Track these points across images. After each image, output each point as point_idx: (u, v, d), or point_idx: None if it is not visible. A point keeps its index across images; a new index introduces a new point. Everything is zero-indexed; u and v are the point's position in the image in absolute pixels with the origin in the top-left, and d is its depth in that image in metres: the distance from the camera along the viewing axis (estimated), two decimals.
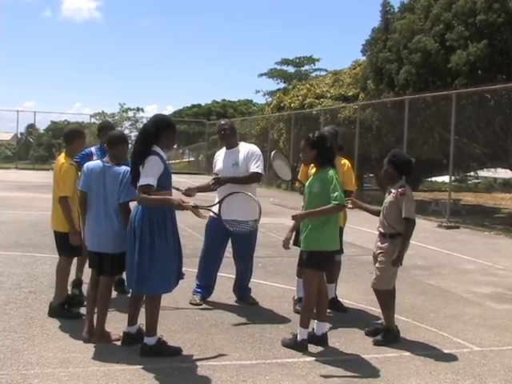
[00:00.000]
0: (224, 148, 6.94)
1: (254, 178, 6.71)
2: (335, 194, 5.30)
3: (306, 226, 5.48)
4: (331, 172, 5.38)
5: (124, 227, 5.20)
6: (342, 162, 6.48)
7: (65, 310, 6.01)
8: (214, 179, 6.65)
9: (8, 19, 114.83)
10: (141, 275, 4.97)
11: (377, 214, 5.92)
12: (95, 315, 5.40)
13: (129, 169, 5.24)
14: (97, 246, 5.36)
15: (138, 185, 4.90)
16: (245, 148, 6.81)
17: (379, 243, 5.79)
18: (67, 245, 5.94)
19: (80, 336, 5.37)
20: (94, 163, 5.49)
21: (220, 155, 6.94)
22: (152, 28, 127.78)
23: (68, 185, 5.78)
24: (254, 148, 6.87)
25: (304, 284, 5.73)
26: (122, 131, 6.42)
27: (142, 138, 5.08)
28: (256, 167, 6.64)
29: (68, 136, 6.20)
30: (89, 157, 6.72)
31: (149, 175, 4.89)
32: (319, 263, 5.43)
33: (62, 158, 6.01)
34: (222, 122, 6.96)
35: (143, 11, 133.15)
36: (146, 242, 4.92)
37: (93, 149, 7.00)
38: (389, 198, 5.75)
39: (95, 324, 5.36)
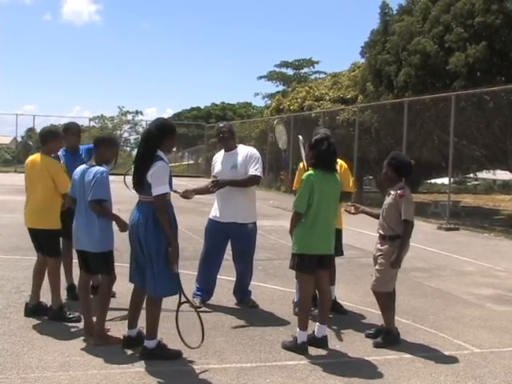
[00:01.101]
0: (222, 150, 6.94)
1: (253, 181, 6.73)
2: (295, 200, 5.48)
3: None
4: (305, 175, 5.47)
5: (110, 224, 5.46)
6: (339, 163, 6.47)
7: (65, 312, 6.02)
8: (212, 182, 6.65)
9: (8, 22, 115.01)
10: (156, 281, 4.99)
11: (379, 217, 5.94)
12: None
13: (103, 169, 5.40)
14: (80, 245, 5.53)
15: (157, 193, 4.89)
16: (243, 150, 6.81)
17: (379, 245, 5.79)
18: (50, 242, 6.02)
19: (80, 339, 5.39)
20: (79, 168, 5.65)
21: (218, 158, 6.94)
22: (152, 31, 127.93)
23: (66, 181, 5.87)
24: (253, 150, 6.87)
25: (298, 286, 5.77)
26: (111, 134, 6.50)
27: (146, 143, 5.09)
28: (255, 170, 6.64)
29: (43, 136, 6.26)
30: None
31: (164, 183, 4.93)
32: (300, 265, 5.46)
33: (42, 158, 6.06)
34: (221, 125, 6.96)
35: (143, 15, 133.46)
36: (155, 249, 4.94)
37: (59, 152, 6.95)
38: (388, 200, 5.75)
39: (95, 326, 5.38)
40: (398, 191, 5.65)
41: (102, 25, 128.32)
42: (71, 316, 6.00)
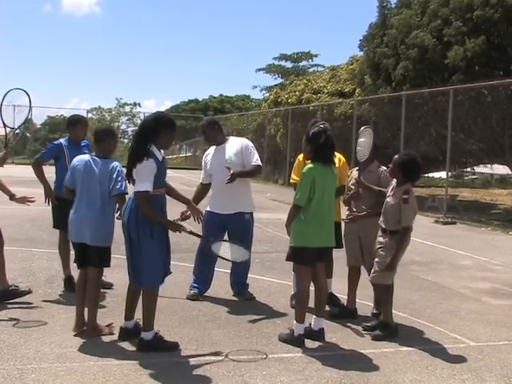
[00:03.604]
0: (214, 146, 6.93)
1: (257, 171, 6.87)
2: (296, 193, 5.46)
3: None
4: (306, 168, 5.46)
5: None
6: (338, 157, 6.46)
7: (10, 292, 6.19)
8: (230, 175, 6.52)
9: (8, 13, 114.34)
10: (134, 270, 5.08)
11: (381, 194, 5.97)
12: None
13: (117, 163, 5.37)
14: (83, 238, 5.40)
15: (135, 190, 4.92)
16: (236, 142, 6.82)
17: (380, 238, 5.79)
18: None
19: (78, 334, 5.39)
20: (81, 158, 5.55)
21: (210, 154, 6.93)
22: (151, 24, 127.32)
23: None
24: (246, 141, 6.96)
25: (296, 279, 5.78)
26: (110, 126, 6.62)
27: (140, 136, 5.05)
28: (256, 160, 6.75)
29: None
30: (58, 149, 6.80)
31: (144, 180, 4.89)
32: (299, 258, 5.48)
33: None
34: (202, 123, 6.96)
35: (143, 7, 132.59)
36: (134, 239, 4.99)
37: (62, 140, 6.98)
38: (392, 200, 5.71)
39: (86, 319, 5.39)
40: (403, 196, 5.62)
41: (101, 16, 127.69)
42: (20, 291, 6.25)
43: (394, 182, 5.82)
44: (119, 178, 5.26)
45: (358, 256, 6.28)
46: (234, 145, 6.76)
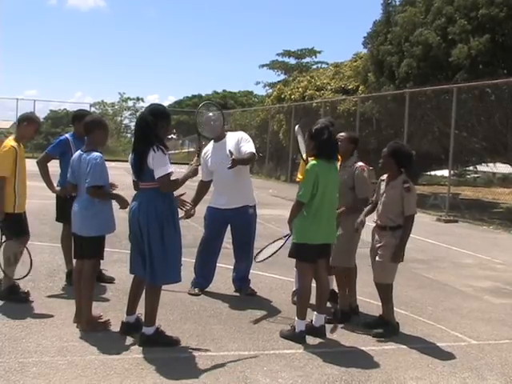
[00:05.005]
0: (211, 142, 6.90)
1: (253, 158, 6.75)
2: (299, 190, 5.46)
3: None
4: (309, 165, 5.44)
5: (107, 209, 5.47)
6: None
7: (13, 293, 6.11)
8: (232, 159, 6.39)
9: (13, 7, 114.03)
10: (155, 269, 4.98)
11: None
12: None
13: (97, 155, 5.38)
14: (75, 229, 5.50)
15: (162, 174, 4.85)
16: (234, 136, 6.81)
17: (378, 236, 5.77)
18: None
19: (78, 325, 5.39)
20: (76, 153, 5.65)
21: (209, 150, 6.88)
22: (157, 19, 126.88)
23: (5, 164, 5.99)
24: (243, 134, 6.96)
25: (298, 276, 5.77)
26: (99, 116, 6.64)
27: (141, 132, 5.05)
28: (252, 148, 6.68)
29: (18, 120, 6.50)
30: (64, 144, 6.84)
31: (166, 164, 4.88)
32: (301, 254, 5.48)
33: (8, 141, 6.16)
34: (210, 114, 6.77)
35: (148, 1, 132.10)
36: (156, 235, 4.94)
37: (68, 135, 7.01)
38: (390, 193, 5.70)
39: (82, 311, 5.40)
40: (405, 185, 5.61)
41: (107, 11, 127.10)
42: (19, 296, 6.15)
43: (385, 177, 5.81)
44: (90, 172, 5.31)
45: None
46: (232, 139, 6.75)
